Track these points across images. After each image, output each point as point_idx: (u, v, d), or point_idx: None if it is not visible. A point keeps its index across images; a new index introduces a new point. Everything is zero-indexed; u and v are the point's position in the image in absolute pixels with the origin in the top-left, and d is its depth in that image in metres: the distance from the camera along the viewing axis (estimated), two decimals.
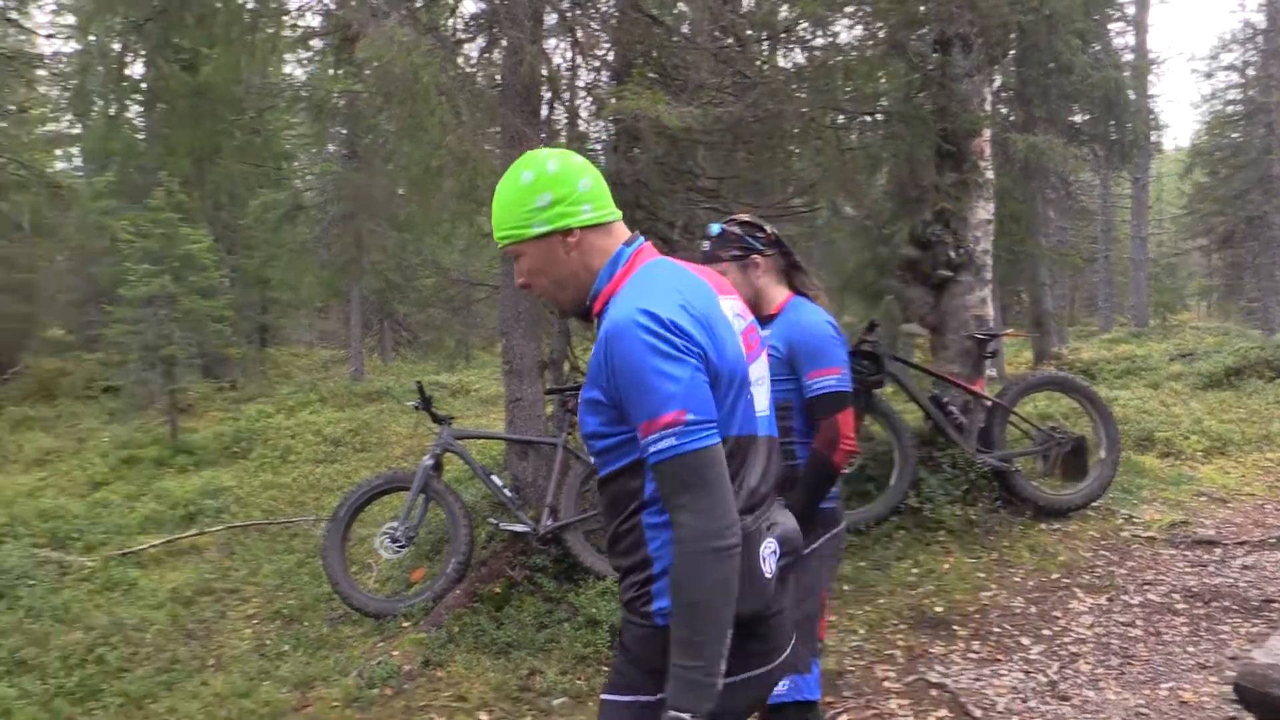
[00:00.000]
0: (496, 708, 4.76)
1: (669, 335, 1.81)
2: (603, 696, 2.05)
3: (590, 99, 6.67)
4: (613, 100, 4.90)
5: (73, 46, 17.85)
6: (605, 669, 5.06)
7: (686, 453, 1.78)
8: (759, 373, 2.08)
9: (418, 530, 6.07)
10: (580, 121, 6.95)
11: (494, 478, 6.08)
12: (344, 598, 5.94)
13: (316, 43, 7.63)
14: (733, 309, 2.04)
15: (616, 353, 1.83)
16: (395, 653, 5.26)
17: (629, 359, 1.81)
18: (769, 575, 1.96)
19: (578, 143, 6.60)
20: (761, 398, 2.07)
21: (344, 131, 17.41)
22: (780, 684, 2.80)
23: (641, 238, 2.07)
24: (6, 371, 18.31)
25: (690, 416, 1.78)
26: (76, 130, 21.69)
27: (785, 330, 3.11)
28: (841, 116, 6.71)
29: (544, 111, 6.32)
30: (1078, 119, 13.05)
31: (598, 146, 7.02)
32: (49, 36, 19.55)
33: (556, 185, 1.97)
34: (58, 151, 21.53)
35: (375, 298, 19.59)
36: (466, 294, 9.19)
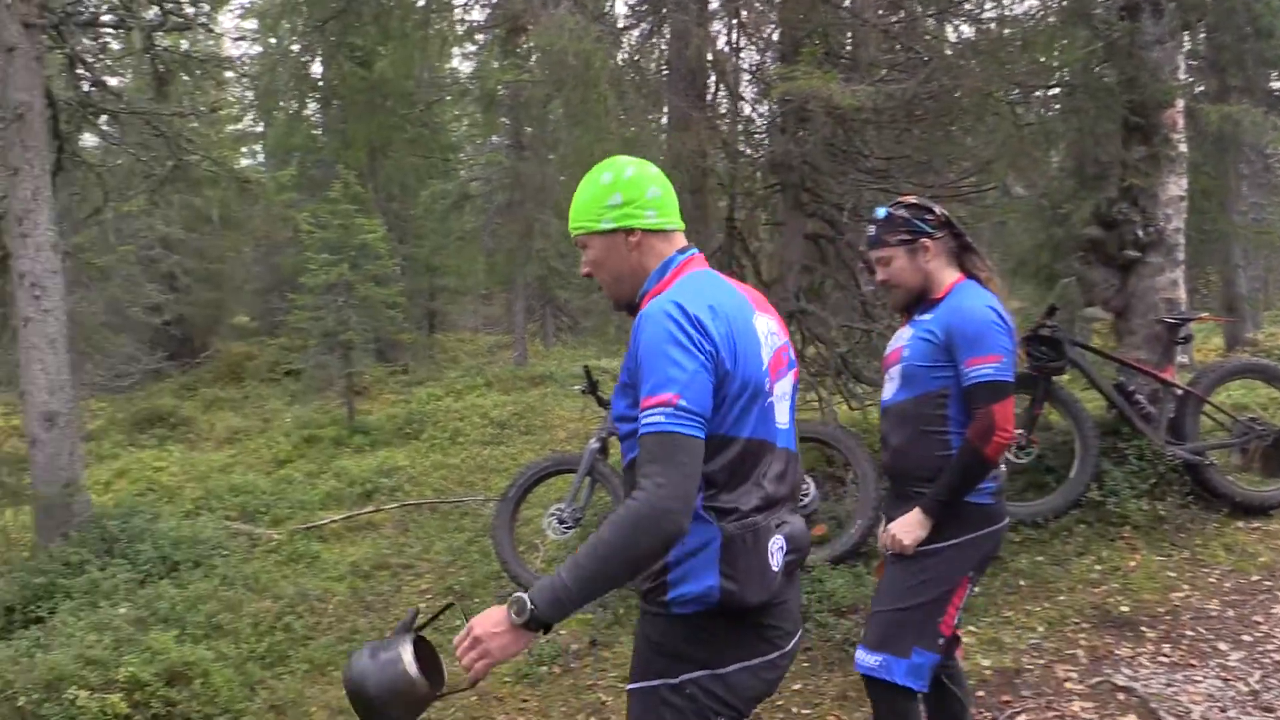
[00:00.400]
0: None
1: (689, 329, 1.97)
2: (629, 688, 2.18)
3: (755, 81, 6.59)
4: (783, 81, 4.82)
5: (256, 50, 18.90)
6: None
7: (667, 431, 1.90)
8: (783, 390, 2.23)
9: (584, 512, 6.15)
10: (744, 103, 6.88)
11: None
12: (513, 576, 6.09)
13: (480, 36, 7.82)
14: (768, 328, 2.22)
15: (642, 333, 2.00)
16: (563, 632, 5.36)
17: (650, 340, 1.98)
18: (776, 569, 2.10)
19: (742, 125, 6.54)
20: (783, 412, 2.22)
21: (506, 122, 17.88)
22: (874, 657, 2.93)
23: (694, 249, 2.25)
24: (199, 355, 19.59)
25: (682, 403, 1.92)
26: (259, 129, 23.00)
27: (944, 315, 2.99)
28: (1018, 91, 6.42)
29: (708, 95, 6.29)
30: (1278, 86, 12.12)
31: (761, 129, 6.92)
32: (238, 39, 20.68)
33: (628, 189, 2.18)
34: (242, 149, 22.82)
35: (537, 284, 20.01)
36: None
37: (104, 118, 9.04)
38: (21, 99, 6.94)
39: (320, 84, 17.88)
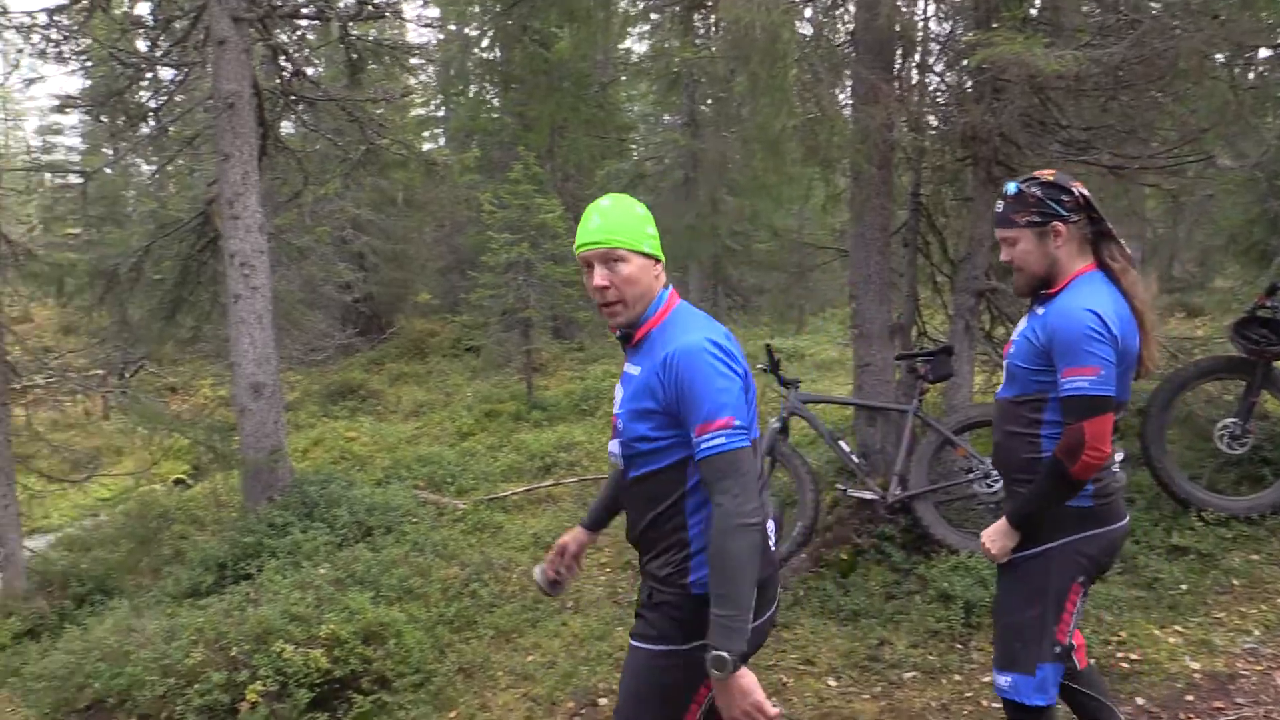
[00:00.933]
0: (845, 675, 4.71)
1: (727, 360, 2.34)
2: (633, 643, 2.52)
3: (945, 50, 6.34)
4: (981, 48, 4.60)
5: (438, 37, 19.51)
6: (959, 646, 4.87)
7: (732, 450, 2.26)
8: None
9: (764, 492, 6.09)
10: (932, 75, 6.64)
11: (842, 443, 5.98)
12: None
13: (654, 15, 7.80)
14: None
15: (686, 368, 2.31)
16: None
17: (697, 374, 2.30)
18: (773, 547, 2.53)
19: (930, 97, 6.30)
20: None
21: (681, 100, 17.89)
22: (1005, 678, 2.89)
23: (670, 285, 2.58)
24: (386, 331, 20.50)
25: (737, 422, 2.29)
26: (440, 113, 23.77)
27: (1050, 315, 2.79)
28: (1233, 52, 5.93)
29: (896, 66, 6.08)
30: None
31: (949, 101, 6.65)
32: (426, 25, 21.42)
33: (655, 228, 2.54)
34: (424, 133, 23.65)
35: (710, 263, 19.99)
36: (807, 258, 9.15)
37: (302, 105, 9.48)
38: (232, 89, 7.38)
39: (500, 68, 18.33)
